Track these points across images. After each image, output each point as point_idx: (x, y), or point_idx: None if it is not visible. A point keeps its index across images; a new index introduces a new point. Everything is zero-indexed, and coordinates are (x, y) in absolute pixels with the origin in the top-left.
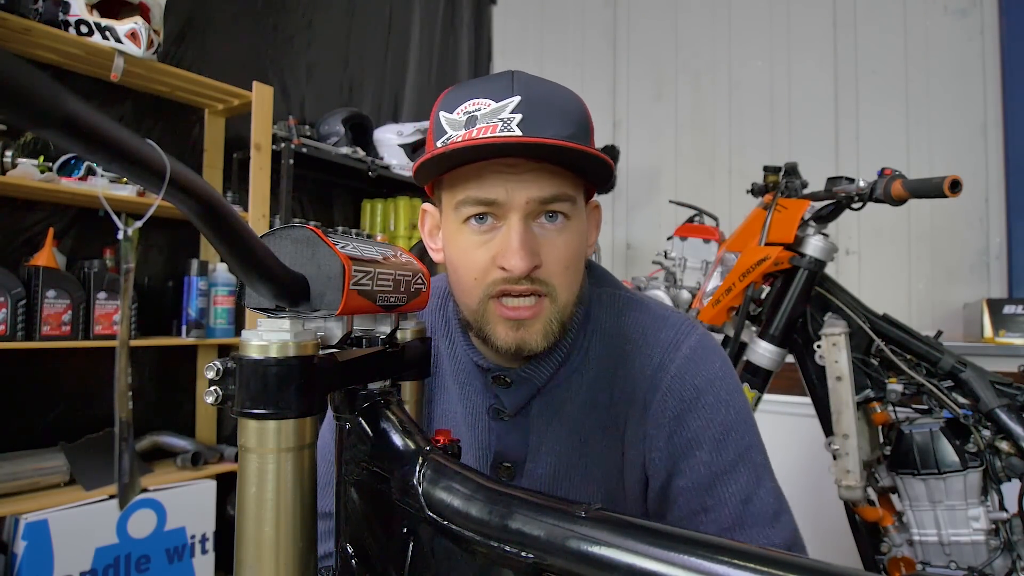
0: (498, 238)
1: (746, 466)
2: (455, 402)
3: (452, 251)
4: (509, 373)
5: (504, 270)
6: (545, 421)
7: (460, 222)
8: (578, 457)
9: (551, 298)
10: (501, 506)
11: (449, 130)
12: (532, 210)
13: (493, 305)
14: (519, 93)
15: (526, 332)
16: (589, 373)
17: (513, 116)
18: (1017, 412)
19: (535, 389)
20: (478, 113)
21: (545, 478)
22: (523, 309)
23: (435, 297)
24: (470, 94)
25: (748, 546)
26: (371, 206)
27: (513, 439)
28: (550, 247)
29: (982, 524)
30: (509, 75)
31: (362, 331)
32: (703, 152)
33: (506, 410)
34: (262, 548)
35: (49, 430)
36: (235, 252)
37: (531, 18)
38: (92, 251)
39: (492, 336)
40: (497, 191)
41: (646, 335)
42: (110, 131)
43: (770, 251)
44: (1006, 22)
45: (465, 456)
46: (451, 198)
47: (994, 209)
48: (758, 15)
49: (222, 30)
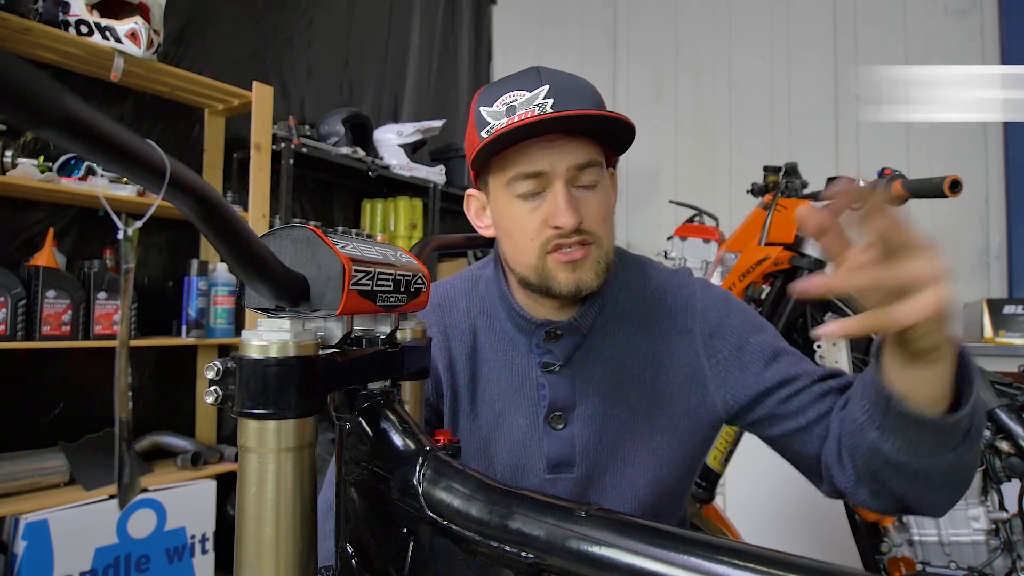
0: (545, 203)
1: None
2: (498, 371)
3: (506, 221)
4: (559, 325)
5: (555, 228)
6: (589, 367)
7: (512, 196)
8: (623, 395)
9: (596, 244)
10: (501, 506)
11: (491, 120)
12: (571, 176)
13: (550, 258)
14: (547, 82)
15: (581, 272)
16: (623, 319)
17: (546, 101)
18: (1017, 412)
19: (581, 338)
20: (515, 103)
21: (595, 418)
22: (576, 251)
23: (465, 282)
24: (504, 89)
25: (748, 546)
26: (371, 206)
27: (564, 387)
28: (588, 204)
29: (982, 524)
30: (535, 70)
31: (362, 331)
32: (703, 152)
33: (557, 361)
34: (262, 548)
35: (49, 430)
36: (235, 252)
37: (531, 18)
38: (92, 251)
39: (554, 282)
40: (542, 163)
41: (666, 282)
42: (110, 131)
43: (770, 251)
44: (1006, 22)
45: (514, 416)
46: (501, 177)
47: (994, 209)
48: (758, 15)
49: (222, 30)
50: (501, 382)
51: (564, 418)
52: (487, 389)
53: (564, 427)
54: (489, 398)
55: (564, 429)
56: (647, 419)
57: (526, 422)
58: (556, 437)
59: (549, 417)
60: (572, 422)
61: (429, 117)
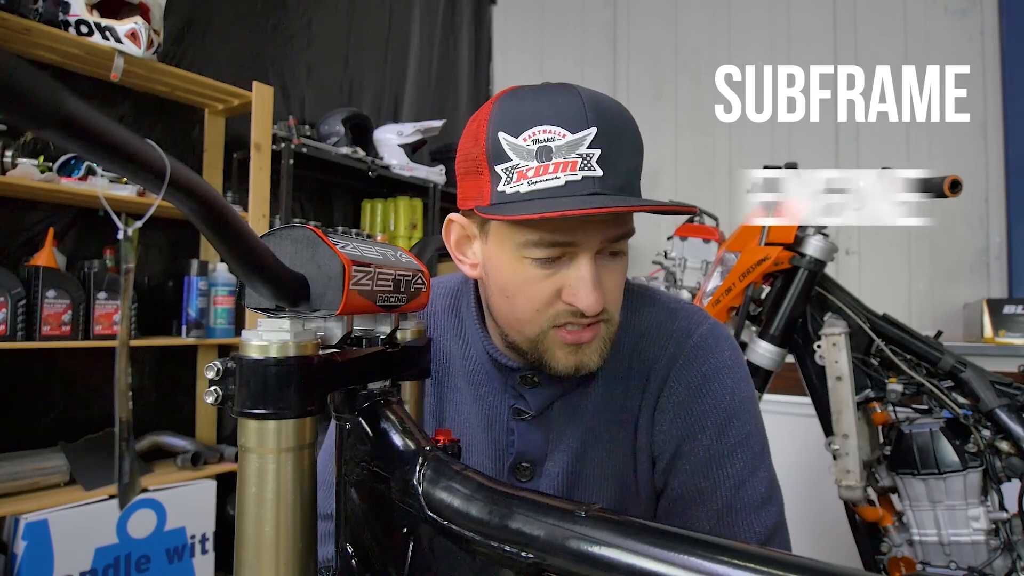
0: (562, 272)
1: (744, 453)
2: (468, 403)
3: (508, 279)
4: (538, 374)
5: (571, 305)
6: (565, 420)
7: (523, 256)
8: (593, 452)
9: (608, 322)
10: (501, 506)
11: (515, 158)
12: (601, 248)
13: (554, 333)
14: (594, 124)
15: (583, 355)
16: (607, 370)
17: (592, 152)
18: (1017, 412)
19: (562, 390)
20: (552, 144)
21: (562, 476)
22: (585, 332)
23: (445, 297)
24: (537, 118)
25: (748, 546)
26: (371, 206)
27: (534, 439)
28: (609, 279)
29: (982, 524)
30: (578, 97)
31: (362, 331)
32: (703, 152)
33: (529, 411)
34: (262, 548)
35: (49, 430)
36: (235, 252)
37: (531, 18)
38: (92, 251)
39: (551, 360)
40: (575, 236)
41: (660, 327)
42: (110, 131)
43: (770, 251)
44: (1006, 22)
45: (481, 457)
46: (515, 232)
47: (994, 209)
48: (758, 15)
49: (222, 30)
50: (471, 416)
51: (532, 471)
52: (457, 419)
53: (529, 480)
54: (457, 430)
55: (529, 483)
56: (615, 480)
57: (492, 466)
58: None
59: (515, 467)
60: (539, 476)
61: (429, 117)
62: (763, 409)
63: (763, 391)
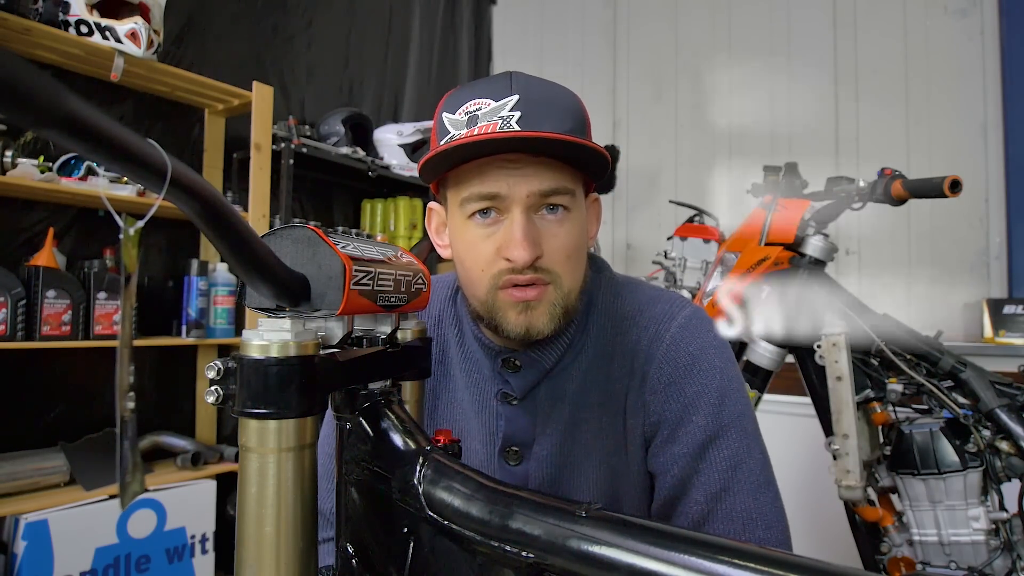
0: (501, 231)
1: (738, 432)
2: (461, 390)
3: (459, 245)
4: (518, 357)
5: (508, 261)
6: (550, 404)
7: (465, 217)
8: (580, 435)
9: (555, 285)
10: (501, 506)
11: (452, 129)
12: (533, 203)
13: (501, 293)
14: (517, 92)
15: (532, 315)
16: (589, 353)
17: (512, 114)
18: (1017, 412)
19: (542, 373)
20: (479, 112)
21: (551, 459)
22: (529, 290)
23: (445, 288)
24: (471, 95)
25: (748, 546)
26: (371, 206)
27: (521, 423)
28: (551, 237)
29: (982, 524)
30: (507, 75)
31: (363, 331)
32: (703, 152)
33: (514, 394)
34: (262, 548)
35: (49, 430)
36: (236, 252)
37: (531, 18)
38: (92, 251)
39: (503, 322)
40: (499, 185)
41: (642, 310)
42: (111, 130)
43: (770, 251)
44: (1006, 22)
45: (472, 442)
46: (456, 195)
47: (994, 209)
48: (758, 15)
49: (222, 30)
50: (464, 402)
51: (520, 454)
52: (451, 406)
53: (519, 464)
54: (451, 416)
55: (519, 466)
56: (604, 463)
57: (483, 451)
58: (510, 473)
59: (504, 451)
60: (528, 459)
61: (429, 117)
62: (763, 409)
63: (763, 391)
